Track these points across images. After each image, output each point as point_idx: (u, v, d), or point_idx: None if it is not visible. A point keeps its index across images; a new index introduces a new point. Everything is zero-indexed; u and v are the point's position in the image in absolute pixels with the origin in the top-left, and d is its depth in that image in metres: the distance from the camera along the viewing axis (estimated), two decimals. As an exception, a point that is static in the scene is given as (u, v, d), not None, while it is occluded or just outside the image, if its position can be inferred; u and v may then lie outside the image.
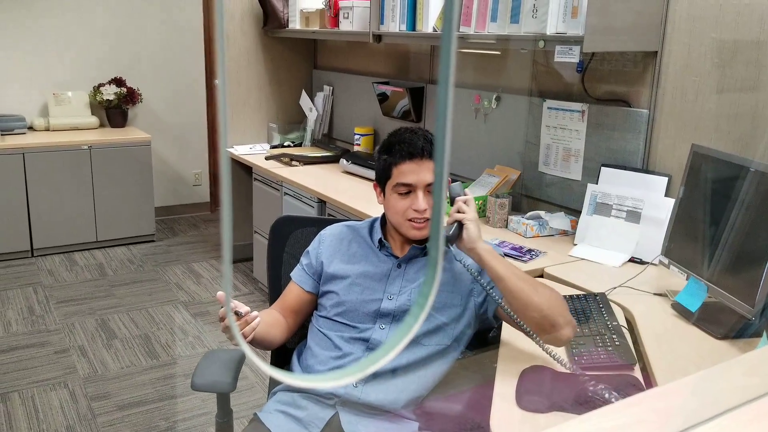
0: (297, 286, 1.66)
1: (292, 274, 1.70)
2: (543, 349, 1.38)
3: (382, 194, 1.60)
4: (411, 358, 1.51)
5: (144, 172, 4.63)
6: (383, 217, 1.66)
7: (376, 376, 1.51)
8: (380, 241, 1.62)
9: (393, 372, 1.52)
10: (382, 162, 1.57)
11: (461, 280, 1.55)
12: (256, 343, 1.54)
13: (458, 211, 1.47)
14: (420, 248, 1.59)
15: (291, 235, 1.87)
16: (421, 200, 1.51)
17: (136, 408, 2.70)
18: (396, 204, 1.54)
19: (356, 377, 0.27)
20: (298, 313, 1.67)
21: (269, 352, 1.85)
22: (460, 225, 1.45)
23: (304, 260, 1.68)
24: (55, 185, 4.34)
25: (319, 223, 1.83)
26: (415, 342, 1.52)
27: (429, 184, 1.52)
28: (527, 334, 1.39)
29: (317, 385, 0.23)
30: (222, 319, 1.47)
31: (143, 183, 4.64)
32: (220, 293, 1.34)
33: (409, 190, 1.52)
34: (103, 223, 4.55)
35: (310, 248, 1.68)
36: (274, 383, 1.78)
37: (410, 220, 1.53)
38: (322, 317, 1.62)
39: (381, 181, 1.59)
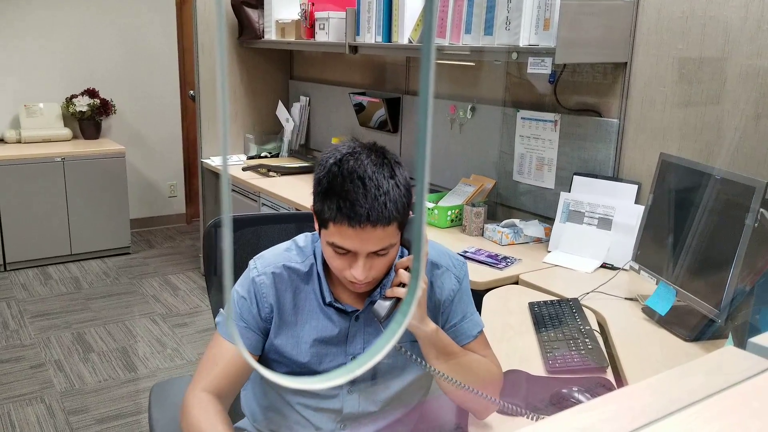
0: (236, 350, 1.24)
1: (221, 332, 1.28)
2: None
3: (318, 229, 1.23)
4: (394, 365, 1.52)
5: (118, 184, 4.60)
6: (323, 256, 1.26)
7: (354, 383, 1.39)
8: (330, 302, 1.28)
9: (373, 379, 1.52)
10: (317, 203, 1.17)
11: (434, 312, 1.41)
12: None
13: (400, 284, 1.18)
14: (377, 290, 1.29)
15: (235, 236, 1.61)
16: (361, 268, 1.15)
17: (114, 421, 2.68)
18: (332, 259, 1.20)
19: (345, 378, 0.30)
20: (239, 383, 1.28)
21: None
22: (397, 302, 1.18)
23: (242, 315, 1.26)
24: (28, 198, 4.29)
25: (255, 222, 1.64)
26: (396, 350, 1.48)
27: (375, 251, 1.15)
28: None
29: (309, 386, 0.26)
30: None
31: (118, 195, 4.61)
32: None
33: (348, 251, 1.17)
34: (78, 236, 4.51)
35: (244, 294, 1.27)
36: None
37: (349, 281, 1.21)
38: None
39: (317, 218, 1.22)
